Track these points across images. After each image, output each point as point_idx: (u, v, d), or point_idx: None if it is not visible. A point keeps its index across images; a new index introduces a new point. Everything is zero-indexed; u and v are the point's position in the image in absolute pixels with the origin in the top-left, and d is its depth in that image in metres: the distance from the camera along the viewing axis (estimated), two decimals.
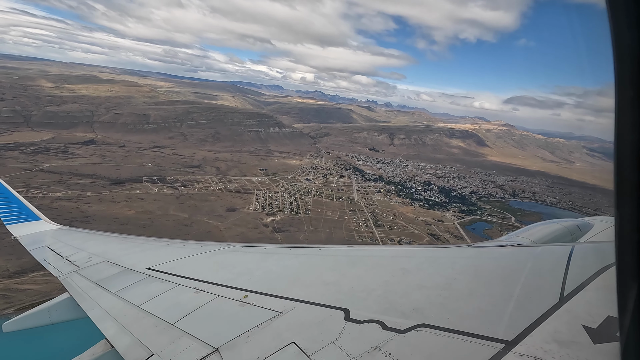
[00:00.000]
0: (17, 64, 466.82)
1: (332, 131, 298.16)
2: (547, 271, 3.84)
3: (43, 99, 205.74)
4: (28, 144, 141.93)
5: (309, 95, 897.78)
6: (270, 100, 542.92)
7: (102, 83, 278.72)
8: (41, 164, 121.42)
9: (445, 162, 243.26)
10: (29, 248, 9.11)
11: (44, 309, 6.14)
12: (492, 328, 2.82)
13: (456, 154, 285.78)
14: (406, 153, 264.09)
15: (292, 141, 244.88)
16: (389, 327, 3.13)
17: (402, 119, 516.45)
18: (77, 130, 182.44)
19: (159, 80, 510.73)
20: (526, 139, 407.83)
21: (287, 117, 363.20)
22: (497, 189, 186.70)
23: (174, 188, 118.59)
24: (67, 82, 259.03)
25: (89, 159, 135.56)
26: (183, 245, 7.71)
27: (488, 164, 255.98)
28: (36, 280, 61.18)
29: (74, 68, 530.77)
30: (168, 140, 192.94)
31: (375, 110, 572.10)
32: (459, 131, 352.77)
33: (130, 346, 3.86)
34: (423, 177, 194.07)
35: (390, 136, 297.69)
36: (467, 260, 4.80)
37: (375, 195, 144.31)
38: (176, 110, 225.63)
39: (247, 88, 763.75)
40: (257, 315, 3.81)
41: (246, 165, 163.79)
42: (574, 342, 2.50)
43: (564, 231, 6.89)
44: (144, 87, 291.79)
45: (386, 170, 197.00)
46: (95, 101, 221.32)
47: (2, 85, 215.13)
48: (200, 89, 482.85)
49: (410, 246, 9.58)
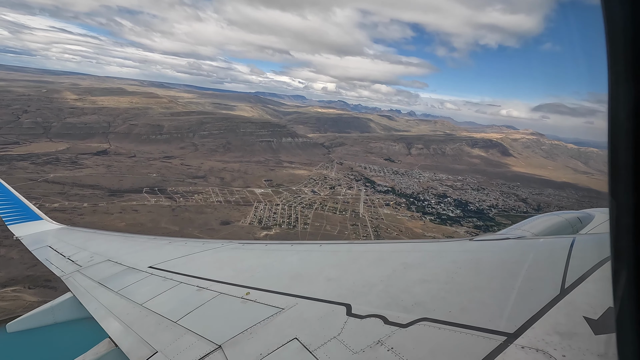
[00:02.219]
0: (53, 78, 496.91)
1: (347, 141, 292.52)
2: (548, 263, 3.89)
3: (65, 110, 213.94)
4: (42, 155, 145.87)
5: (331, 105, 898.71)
6: (290, 110, 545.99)
7: (124, 95, 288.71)
8: (47, 174, 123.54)
9: (465, 173, 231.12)
10: (31, 248, 8.95)
11: (47, 309, 6.10)
12: (493, 321, 2.85)
13: (477, 165, 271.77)
14: (423, 163, 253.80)
15: (304, 151, 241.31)
16: (391, 321, 3.15)
17: (424, 127, 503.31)
18: (93, 141, 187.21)
19: (183, 92, 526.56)
20: (557, 149, 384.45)
21: (304, 126, 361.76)
22: (519, 202, 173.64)
23: (173, 199, 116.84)
24: (91, 95, 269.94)
25: (95, 170, 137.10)
26: (185, 243, 7.73)
27: (512, 175, 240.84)
28: (4, 297, 59.27)
29: (105, 81, 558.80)
30: (179, 150, 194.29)
31: (395, 119, 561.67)
32: (482, 140, 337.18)
33: (134, 344, 3.91)
34: (438, 189, 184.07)
35: (407, 146, 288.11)
36: (468, 253, 4.82)
37: (382, 209, 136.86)
38: (190, 121, 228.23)
39: (269, 98, 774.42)
40: (259, 312, 3.86)
41: (252, 176, 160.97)
42: (575, 333, 2.53)
43: (564, 223, 6.86)
44: (163, 98, 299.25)
45: (399, 182, 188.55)
46: (113, 112, 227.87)
47: (29, 98, 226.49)
48: (220, 99, 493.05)
49: (411, 241, 7.73)
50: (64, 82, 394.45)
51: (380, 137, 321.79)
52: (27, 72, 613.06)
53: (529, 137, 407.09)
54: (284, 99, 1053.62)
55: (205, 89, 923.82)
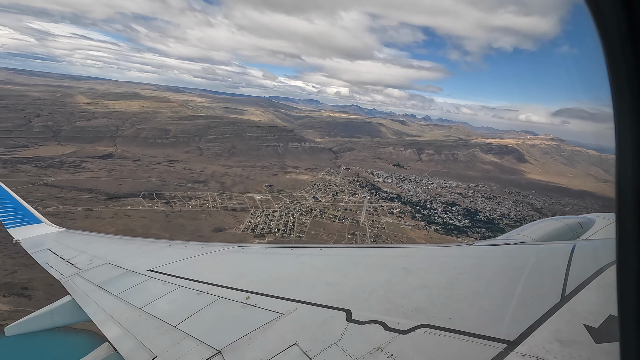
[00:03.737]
0: (73, 83, 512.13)
1: (356, 146, 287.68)
2: (549, 270, 3.87)
3: (76, 114, 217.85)
4: (47, 158, 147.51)
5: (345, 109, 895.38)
6: (302, 114, 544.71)
7: (136, 99, 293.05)
8: (48, 177, 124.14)
9: (477, 180, 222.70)
10: (31, 251, 8.91)
11: (46, 312, 6.09)
12: (494, 328, 2.84)
13: (491, 172, 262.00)
14: (434, 170, 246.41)
15: (310, 156, 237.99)
16: (391, 327, 3.14)
17: (437, 133, 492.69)
18: (100, 145, 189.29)
19: (196, 96, 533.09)
20: (578, 155, 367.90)
21: (314, 131, 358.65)
22: (533, 212, 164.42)
23: (168, 205, 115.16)
24: (104, 99, 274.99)
25: (96, 173, 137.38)
26: (184, 246, 7.72)
27: (527, 183, 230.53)
28: None
29: (122, 85, 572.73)
30: (184, 154, 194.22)
31: (408, 124, 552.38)
32: (497, 146, 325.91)
33: (133, 349, 3.90)
34: (447, 196, 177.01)
35: (418, 151, 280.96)
36: (468, 259, 4.81)
37: (385, 217, 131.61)
38: (197, 125, 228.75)
39: (282, 103, 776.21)
40: (259, 317, 3.85)
41: (254, 181, 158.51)
42: (575, 341, 2.52)
43: (565, 228, 6.81)
44: (174, 102, 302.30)
45: (406, 189, 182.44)
46: (123, 116, 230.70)
47: (44, 102, 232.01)
48: (232, 104, 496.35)
49: (412, 245, 8.63)
50: (81, 87, 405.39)
51: (391, 142, 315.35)
52: (49, 77, 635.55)
53: (548, 142, 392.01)
54: (298, 103, 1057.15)
55: (220, 93, 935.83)
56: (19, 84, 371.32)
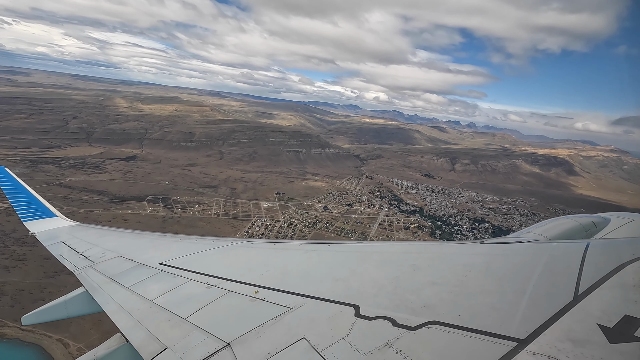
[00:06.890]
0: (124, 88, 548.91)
1: (385, 153, 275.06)
2: (561, 268, 3.80)
3: (111, 117, 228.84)
4: (72, 159, 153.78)
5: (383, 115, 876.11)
6: (336, 119, 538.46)
7: (172, 103, 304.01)
8: (65, 178, 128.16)
9: (516, 194, 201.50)
10: (46, 244, 9.09)
11: (60, 303, 6.22)
12: (504, 326, 2.81)
13: (534, 185, 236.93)
14: (468, 181, 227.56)
15: (334, 163, 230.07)
16: (400, 323, 3.14)
17: (479, 141, 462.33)
18: (127, 147, 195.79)
19: (234, 101, 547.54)
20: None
21: (344, 137, 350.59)
22: None
23: (170, 210, 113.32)
24: (141, 103, 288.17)
25: (111, 175, 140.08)
26: (194, 241, 7.85)
27: (575, 199, 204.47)
28: None
29: (167, 90, 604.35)
30: (204, 158, 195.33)
31: (447, 131, 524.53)
32: (545, 157, 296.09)
33: (144, 340, 3.98)
34: (477, 212, 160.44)
35: (452, 161, 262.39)
36: (478, 256, 4.70)
37: (399, 233, 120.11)
38: (222, 129, 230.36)
39: (319, 108, 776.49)
40: (267, 311, 3.90)
41: (266, 187, 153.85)
42: (589, 341, 2.47)
43: (578, 227, 6.69)
44: (206, 106, 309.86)
45: (431, 201, 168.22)
46: (154, 119, 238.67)
47: (85, 105, 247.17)
48: (267, 108, 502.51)
49: (421, 242, 5.80)
50: (128, 91, 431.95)
51: (423, 150, 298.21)
52: (105, 82, 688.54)
53: (608, 154, 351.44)
54: (337, 108, 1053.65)
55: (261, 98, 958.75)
56: (74, 88, 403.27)
